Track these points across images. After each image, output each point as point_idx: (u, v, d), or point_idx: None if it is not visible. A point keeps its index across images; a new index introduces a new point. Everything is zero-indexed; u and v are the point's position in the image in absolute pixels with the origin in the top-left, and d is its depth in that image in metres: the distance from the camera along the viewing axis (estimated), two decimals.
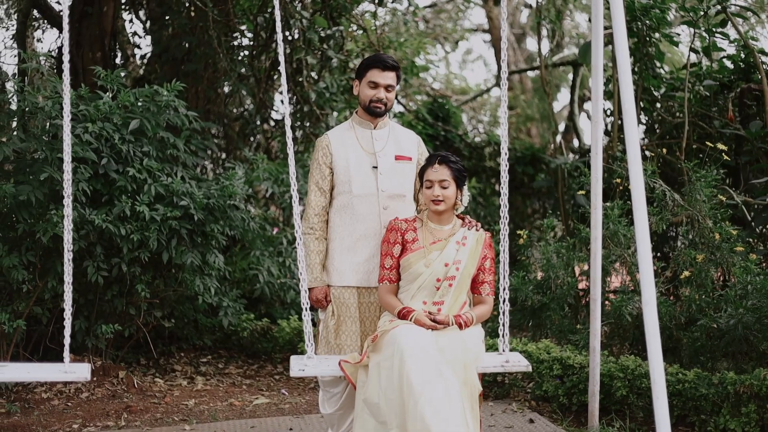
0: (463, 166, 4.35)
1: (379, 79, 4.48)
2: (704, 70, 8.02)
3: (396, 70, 4.55)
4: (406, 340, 3.88)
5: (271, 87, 9.33)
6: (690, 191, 6.28)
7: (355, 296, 4.50)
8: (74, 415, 5.85)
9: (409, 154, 4.63)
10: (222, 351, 7.84)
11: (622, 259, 6.31)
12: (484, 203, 11.44)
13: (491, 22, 17.28)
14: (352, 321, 4.49)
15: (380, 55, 4.55)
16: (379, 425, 3.89)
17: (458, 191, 4.28)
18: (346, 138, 4.57)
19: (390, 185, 4.52)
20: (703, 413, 5.27)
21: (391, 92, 4.55)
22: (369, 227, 4.50)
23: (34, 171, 5.81)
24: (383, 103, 4.52)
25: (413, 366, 3.79)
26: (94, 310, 6.42)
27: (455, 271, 4.22)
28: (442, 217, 4.32)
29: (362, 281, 4.50)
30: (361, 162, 4.51)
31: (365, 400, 3.96)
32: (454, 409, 3.74)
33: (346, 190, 4.49)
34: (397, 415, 3.80)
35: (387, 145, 4.58)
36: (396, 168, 4.56)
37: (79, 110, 6.04)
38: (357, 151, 4.53)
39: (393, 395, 3.82)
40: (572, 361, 5.83)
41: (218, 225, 6.46)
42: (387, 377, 3.87)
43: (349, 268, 4.49)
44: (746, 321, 5.47)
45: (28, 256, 5.88)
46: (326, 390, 4.59)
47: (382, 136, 4.60)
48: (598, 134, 4.94)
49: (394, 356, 3.86)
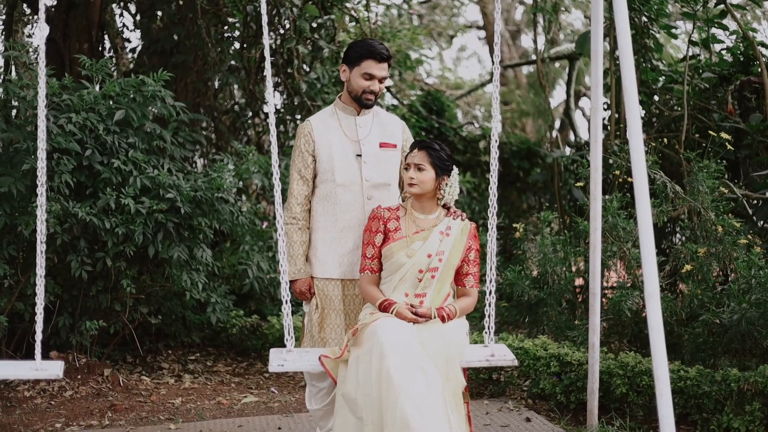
0: (449, 155, 4.19)
1: (375, 71, 4.34)
2: (703, 63, 7.92)
3: (390, 59, 4.42)
4: (387, 334, 3.75)
5: (262, 79, 9.18)
6: (691, 182, 6.15)
7: (340, 288, 4.37)
8: (57, 413, 5.69)
9: (394, 140, 4.50)
10: (210, 348, 7.69)
11: (621, 254, 6.17)
12: (478, 198, 11.31)
13: (486, 18, 17.18)
14: (336, 314, 4.37)
15: (375, 44, 4.38)
16: (358, 421, 3.76)
17: (438, 179, 4.13)
18: (329, 124, 4.43)
19: (374, 174, 4.39)
20: (705, 411, 5.13)
21: (383, 83, 4.42)
22: (353, 217, 4.36)
23: (15, 163, 5.66)
24: (375, 94, 4.39)
25: (394, 360, 3.66)
26: (78, 306, 6.26)
27: (438, 263, 4.08)
28: (425, 205, 4.18)
29: (346, 273, 4.37)
30: (344, 150, 4.38)
31: (343, 394, 3.83)
32: (435, 406, 3.63)
33: (329, 178, 4.36)
34: (373, 411, 3.67)
35: (371, 132, 4.44)
36: (380, 156, 4.42)
37: (63, 100, 5.90)
38: (340, 139, 4.40)
39: (371, 390, 3.69)
40: (570, 358, 5.70)
41: (206, 219, 6.31)
42: (365, 372, 3.74)
43: (332, 259, 4.36)
44: (750, 316, 5.33)
45: (9, 250, 5.73)
46: (313, 384, 4.46)
47: (366, 122, 4.46)
48: (597, 122, 4.80)
49: (374, 350, 3.73)
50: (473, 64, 29.93)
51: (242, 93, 9.65)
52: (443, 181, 4.15)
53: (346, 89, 4.45)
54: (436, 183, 4.13)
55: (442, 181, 4.15)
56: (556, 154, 8.58)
